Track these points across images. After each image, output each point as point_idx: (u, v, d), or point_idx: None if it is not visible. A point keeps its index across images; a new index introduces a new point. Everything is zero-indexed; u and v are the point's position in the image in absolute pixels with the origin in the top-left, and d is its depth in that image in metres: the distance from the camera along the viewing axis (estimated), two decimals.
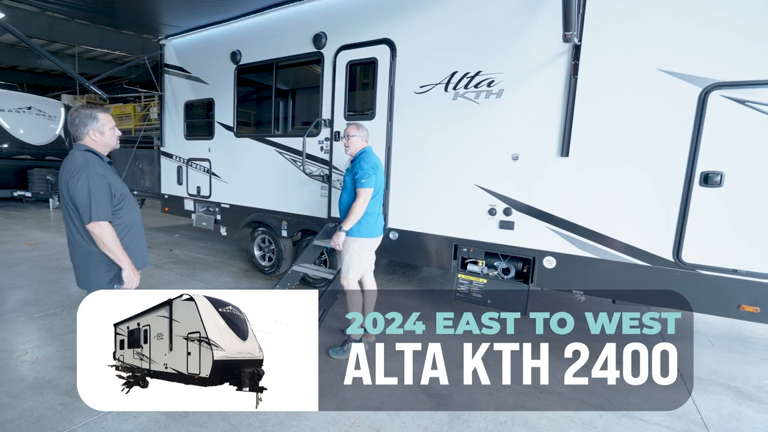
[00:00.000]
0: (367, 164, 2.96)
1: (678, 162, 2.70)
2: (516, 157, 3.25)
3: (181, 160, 5.87)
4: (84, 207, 2.04)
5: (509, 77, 3.23)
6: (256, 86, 5.11)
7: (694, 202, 2.68)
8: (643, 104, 2.78)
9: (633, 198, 2.87)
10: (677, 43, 2.66)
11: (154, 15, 5.06)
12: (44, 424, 2.14)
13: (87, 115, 2.15)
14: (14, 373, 2.64)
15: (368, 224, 3.05)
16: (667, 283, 2.82)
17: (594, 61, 2.89)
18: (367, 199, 2.94)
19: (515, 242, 3.33)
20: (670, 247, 2.78)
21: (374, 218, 3.09)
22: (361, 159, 3.01)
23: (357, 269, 3.08)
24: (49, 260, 5.38)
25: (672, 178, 2.73)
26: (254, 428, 2.18)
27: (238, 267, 5.50)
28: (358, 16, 3.97)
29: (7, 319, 3.49)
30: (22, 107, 10.09)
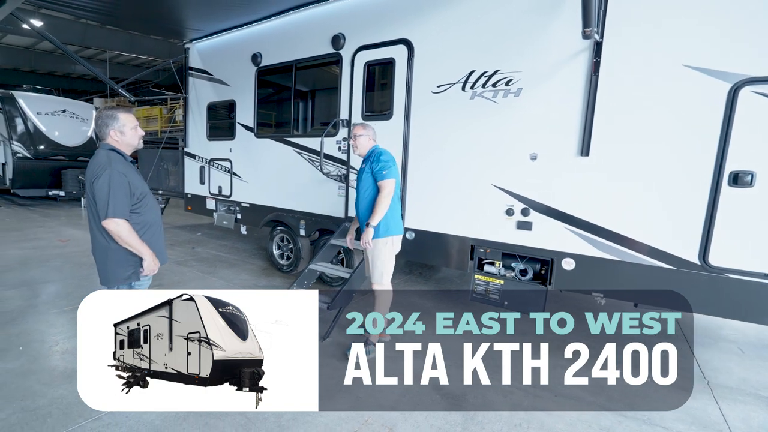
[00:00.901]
0: (386, 156, 2.95)
1: (705, 161, 2.59)
2: (534, 157, 3.20)
3: (203, 161, 6.04)
4: (102, 203, 2.12)
5: (528, 76, 3.19)
6: (276, 87, 5.20)
7: (722, 203, 2.57)
8: (668, 102, 2.69)
9: (656, 198, 2.78)
10: (705, 37, 2.56)
11: (180, 20, 5.23)
12: (72, 411, 2.24)
13: (109, 116, 2.25)
14: (46, 362, 2.78)
15: (394, 220, 3.01)
16: (692, 287, 2.72)
17: (616, 57, 2.82)
18: (391, 190, 2.89)
19: (533, 243, 3.27)
20: (696, 250, 2.68)
21: (399, 213, 3.08)
22: (378, 154, 2.99)
23: (390, 271, 3.05)
24: (80, 256, 5.62)
25: (699, 177, 2.62)
26: (269, 422, 2.22)
27: (257, 265, 5.61)
28: (376, 16, 4.00)
29: (41, 311, 3.67)
30: (57, 110, 10.60)
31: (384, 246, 2.98)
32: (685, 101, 2.64)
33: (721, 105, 2.52)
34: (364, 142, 3.05)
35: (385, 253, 2.99)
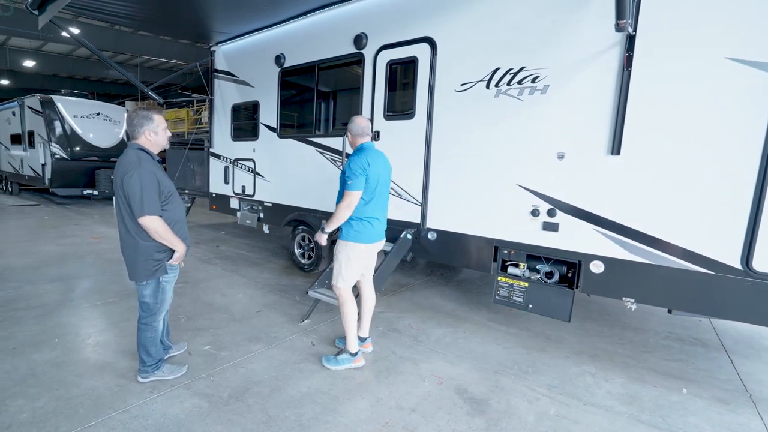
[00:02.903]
0: (355, 163, 2.61)
1: (750, 159, 2.43)
2: (562, 156, 3.10)
3: (227, 161, 6.16)
4: (136, 202, 2.20)
5: (555, 72, 3.09)
6: (299, 88, 5.25)
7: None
8: (708, 96, 2.54)
9: (694, 199, 2.63)
10: (750, 28, 2.40)
11: (208, 23, 5.36)
12: (103, 402, 2.31)
13: (144, 116, 2.32)
14: (80, 354, 2.88)
15: (365, 229, 2.73)
16: (733, 294, 2.56)
17: (650, 51, 2.69)
18: (350, 203, 2.62)
19: (560, 245, 3.17)
20: (738, 254, 2.52)
21: (374, 223, 2.77)
22: (351, 157, 2.70)
23: (348, 276, 2.79)
24: (111, 253, 5.84)
25: (742, 177, 2.47)
26: (290, 421, 2.22)
27: (279, 264, 5.67)
28: (399, 15, 3.97)
29: (76, 305, 3.82)
30: (92, 113, 11.07)
31: (344, 248, 2.76)
32: (727, 96, 2.48)
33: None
34: (348, 140, 2.83)
35: (342, 254, 2.76)
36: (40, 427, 2.09)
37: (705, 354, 3.35)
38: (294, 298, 4.24)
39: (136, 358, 2.69)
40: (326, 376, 2.73)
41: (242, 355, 2.95)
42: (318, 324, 3.58)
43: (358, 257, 2.79)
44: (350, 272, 2.80)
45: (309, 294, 3.60)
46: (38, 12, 4.65)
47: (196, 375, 2.65)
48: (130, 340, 3.05)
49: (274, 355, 2.97)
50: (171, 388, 2.49)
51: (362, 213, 2.72)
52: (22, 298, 3.89)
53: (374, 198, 2.73)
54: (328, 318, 3.72)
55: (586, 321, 3.97)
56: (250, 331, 3.39)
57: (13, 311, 3.57)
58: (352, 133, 2.78)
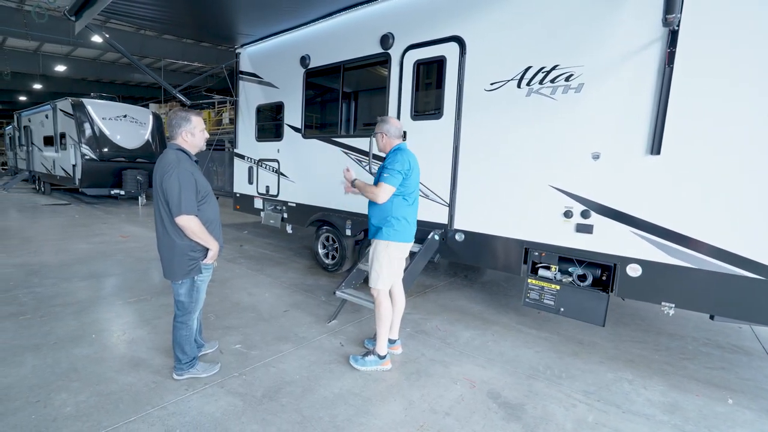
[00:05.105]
0: (398, 158, 2.66)
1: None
2: (597, 156, 3.02)
3: (252, 161, 6.24)
4: (174, 201, 2.24)
5: (590, 70, 3.01)
6: (324, 89, 5.27)
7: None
8: (756, 93, 2.43)
9: (739, 200, 2.52)
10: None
11: (233, 26, 5.43)
12: (141, 399, 2.36)
13: (182, 117, 2.36)
14: (115, 350, 2.95)
15: (403, 228, 2.77)
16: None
17: (694, 47, 2.59)
18: (381, 195, 2.65)
19: (594, 247, 3.08)
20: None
21: (411, 222, 2.82)
22: (393, 153, 2.75)
23: (387, 278, 2.81)
24: (139, 252, 5.98)
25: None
26: (324, 422, 2.22)
27: (303, 264, 5.71)
28: (426, 14, 3.94)
29: (109, 302, 3.92)
30: (119, 115, 11.40)
31: (384, 249, 2.76)
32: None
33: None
34: (379, 139, 2.84)
35: (382, 255, 2.77)
36: (84, 421, 2.14)
37: (749, 363, 3.21)
38: (320, 298, 4.25)
39: (169, 355, 2.74)
40: (357, 377, 2.72)
41: (272, 355, 2.97)
42: (345, 324, 3.58)
43: (399, 257, 2.85)
44: (391, 273, 2.83)
45: (336, 294, 3.60)
46: (75, 18, 4.80)
47: (228, 374, 2.68)
48: (162, 337, 3.11)
49: (304, 355, 2.98)
50: (205, 386, 2.52)
51: (405, 213, 2.77)
52: (59, 295, 4.02)
53: (409, 198, 2.78)
54: (355, 319, 3.71)
55: (619, 325, 3.86)
56: (278, 330, 3.41)
57: (52, 307, 3.69)
58: (388, 135, 2.81)
